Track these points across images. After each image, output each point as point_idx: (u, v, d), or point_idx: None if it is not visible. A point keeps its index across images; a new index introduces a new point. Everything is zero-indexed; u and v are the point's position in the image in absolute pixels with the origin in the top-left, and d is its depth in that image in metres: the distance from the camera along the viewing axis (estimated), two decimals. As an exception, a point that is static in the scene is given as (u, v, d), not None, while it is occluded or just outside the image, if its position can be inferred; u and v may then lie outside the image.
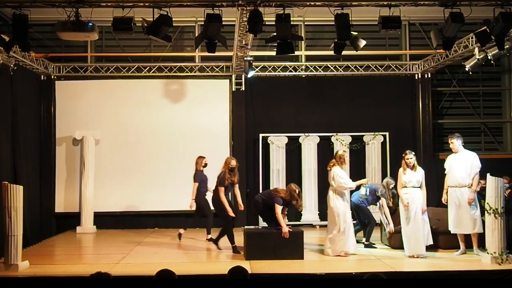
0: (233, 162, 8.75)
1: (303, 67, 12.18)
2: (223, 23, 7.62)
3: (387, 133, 11.81)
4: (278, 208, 8.17)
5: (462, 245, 8.24)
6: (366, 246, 8.96)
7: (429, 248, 8.26)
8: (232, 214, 8.55)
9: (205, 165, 9.79)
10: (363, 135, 11.84)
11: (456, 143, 8.29)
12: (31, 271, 7.31)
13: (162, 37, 7.79)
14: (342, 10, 7.56)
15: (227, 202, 8.60)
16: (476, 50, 9.84)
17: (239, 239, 10.18)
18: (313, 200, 11.60)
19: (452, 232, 8.25)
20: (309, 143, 11.75)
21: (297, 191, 8.25)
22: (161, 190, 11.59)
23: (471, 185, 8.05)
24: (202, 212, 9.57)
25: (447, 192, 8.31)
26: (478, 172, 8.08)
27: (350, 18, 7.56)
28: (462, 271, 7.20)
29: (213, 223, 9.62)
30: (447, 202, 8.31)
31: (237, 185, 8.89)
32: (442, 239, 8.64)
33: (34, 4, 7.43)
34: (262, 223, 11.42)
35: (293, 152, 11.86)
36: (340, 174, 8.24)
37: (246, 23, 8.02)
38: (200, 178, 9.57)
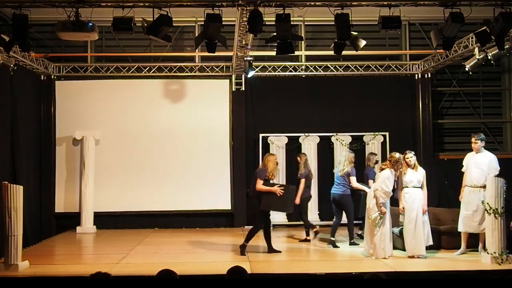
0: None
1: (303, 67, 12.18)
2: (223, 23, 7.61)
3: (387, 133, 11.80)
4: (259, 183, 8.33)
5: (463, 245, 8.23)
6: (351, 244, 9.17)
7: (431, 247, 8.26)
8: None
9: (376, 162, 9.87)
10: (363, 135, 11.84)
11: (480, 143, 8.17)
12: (31, 271, 7.31)
13: (162, 37, 7.79)
14: (342, 10, 7.55)
15: None
16: (476, 50, 9.83)
17: (239, 239, 10.20)
18: (313, 200, 11.57)
19: (460, 230, 8.22)
20: (309, 143, 11.75)
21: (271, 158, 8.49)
22: (161, 190, 11.59)
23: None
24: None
25: (462, 190, 8.29)
26: (496, 174, 7.92)
27: (350, 18, 7.56)
28: (462, 271, 7.20)
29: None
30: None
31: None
32: (444, 239, 8.65)
33: (34, 4, 7.42)
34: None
35: (293, 152, 11.84)
36: (387, 181, 8.02)
37: (246, 23, 8.01)
38: (374, 175, 9.41)
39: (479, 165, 8.09)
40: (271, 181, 8.56)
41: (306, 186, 9.72)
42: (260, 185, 8.35)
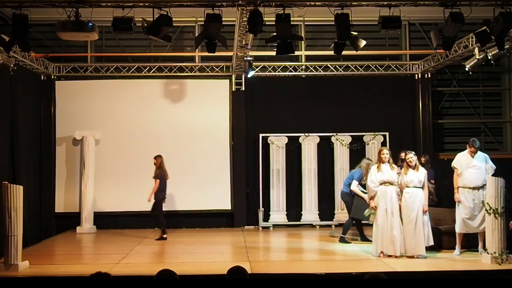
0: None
1: (303, 67, 12.18)
2: (223, 23, 7.61)
3: (387, 133, 11.80)
4: (355, 183, 8.97)
5: (458, 246, 8.21)
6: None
7: (432, 247, 8.24)
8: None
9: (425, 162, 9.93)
10: (363, 135, 11.83)
11: (477, 149, 8.20)
12: (31, 271, 7.31)
13: (162, 37, 7.79)
14: (342, 10, 7.56)
15: None
16: (476, 50, 9.84)
17: (239, 239, 10.21)
18: (313, 200, 11.59)
19: (458, 231, 8.21)
20: (309, 143, 11.74)
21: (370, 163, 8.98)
22: (161, 190, 11.57)
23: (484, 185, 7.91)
24: None
25: (458, 191, 8.26)
26: (493, 172, 8.01)
27: (350, 18, 7.56)
28: (462, 271, 7.20)
29: None
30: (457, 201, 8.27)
31: None
32: (444, 239, 8.64)
33: (34, 4, 7.43)
34: (262, 223, 11.46)
35: (293, 152, 11.85)
36: (371, 173, 8.13)
37: (246, 23, 8.02)
38: (433, 174, 9.42)
39: (476, 165, 8.12)
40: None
41: (161, 188, 9.93)
42: (354, 186, 9.01)
